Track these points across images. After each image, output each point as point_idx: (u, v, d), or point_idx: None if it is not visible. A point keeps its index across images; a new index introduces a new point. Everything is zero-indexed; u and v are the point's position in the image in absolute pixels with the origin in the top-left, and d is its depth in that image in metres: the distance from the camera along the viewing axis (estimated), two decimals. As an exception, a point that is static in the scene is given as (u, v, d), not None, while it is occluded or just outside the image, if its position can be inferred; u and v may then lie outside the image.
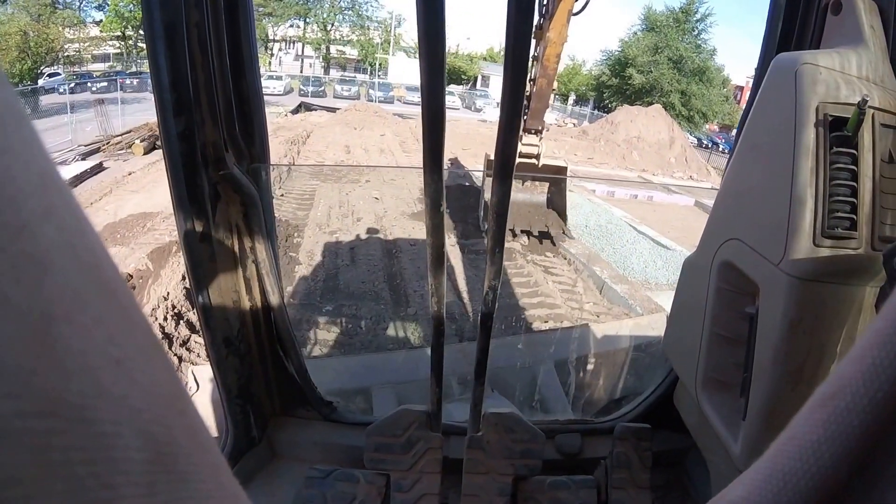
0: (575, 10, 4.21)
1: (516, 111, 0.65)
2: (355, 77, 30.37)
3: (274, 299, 1.33)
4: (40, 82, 18.86)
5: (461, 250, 6.22)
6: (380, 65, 32.37)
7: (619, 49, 29.87)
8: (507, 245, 6.63)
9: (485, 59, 35.12)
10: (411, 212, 7.49)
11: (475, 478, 1.29)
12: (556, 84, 5.48)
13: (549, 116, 24.75)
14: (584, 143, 15.88)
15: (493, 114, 22.87)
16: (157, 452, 0.16)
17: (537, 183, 6.99)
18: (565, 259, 6.42)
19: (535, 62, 5.26)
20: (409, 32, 31.85)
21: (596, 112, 27.60)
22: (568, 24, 4.42)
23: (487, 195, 7.22)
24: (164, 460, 0.16)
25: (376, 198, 8.10)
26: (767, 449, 0.24)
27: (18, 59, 18.93)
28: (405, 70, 29.43)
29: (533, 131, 6.11)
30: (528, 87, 5.87)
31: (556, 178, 6.86)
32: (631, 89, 28.20)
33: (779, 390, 0.90)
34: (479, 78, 34.22)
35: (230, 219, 1.18)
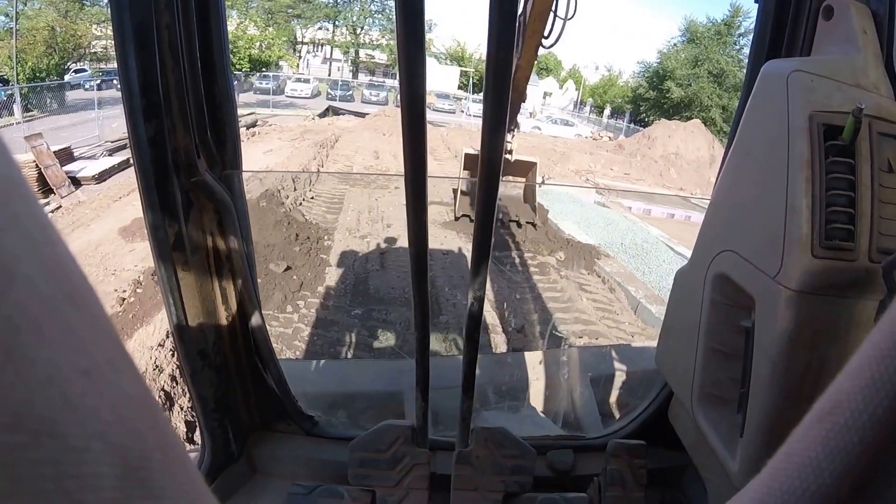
0: (546, 45, 4.57)
1: (501, 112, 0.66)
2: (384, 82, 30.66)
3: (250, 309, 1.33)
4: (66, 78, 19.53)
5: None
6: (409, 70, 32.86)
7: (658, 61, 30.15)
8: (541, 259, 6.83)
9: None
10: (443, 220, 7.75)
11: (464, 494, 1.31)
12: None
13: (584, 129, 24.95)
14: (621, 158, 15.93)
15: (526, 124, 22.86)
16: (129, 467, 0.16)
17: (511, 179, 7.94)
18: (599, 277, 6.59)
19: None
20: (440, 38, 32.79)
21: (632, 126, 27.59)
22: (536, 55, 4.95)
23: (460, 186, 7.79)
24: (136, 475, 0.16)
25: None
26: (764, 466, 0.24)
27: (45, 55, 19.41)
28: (436, 76, 29.79)
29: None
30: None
31: (527, 174, 7.88)
32: (669, 103, 28.32)
33: (777, 407, 0.90)
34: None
35: (203, 227, 1.18)
